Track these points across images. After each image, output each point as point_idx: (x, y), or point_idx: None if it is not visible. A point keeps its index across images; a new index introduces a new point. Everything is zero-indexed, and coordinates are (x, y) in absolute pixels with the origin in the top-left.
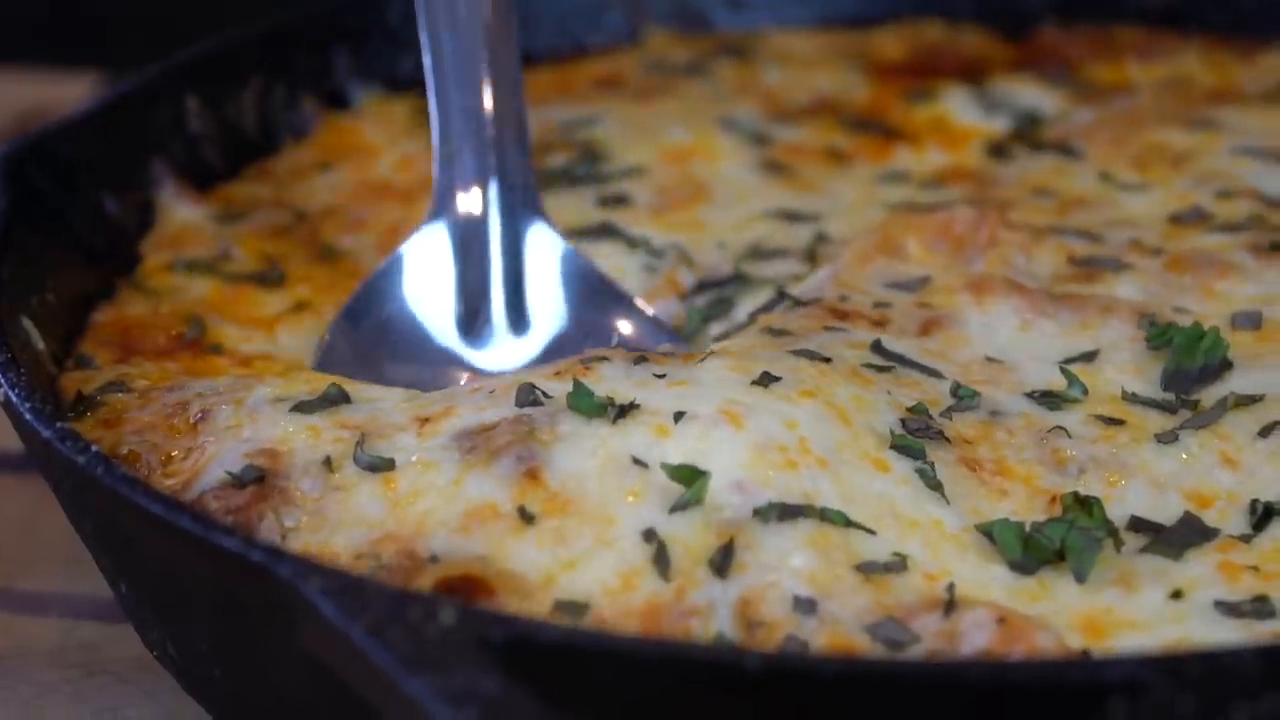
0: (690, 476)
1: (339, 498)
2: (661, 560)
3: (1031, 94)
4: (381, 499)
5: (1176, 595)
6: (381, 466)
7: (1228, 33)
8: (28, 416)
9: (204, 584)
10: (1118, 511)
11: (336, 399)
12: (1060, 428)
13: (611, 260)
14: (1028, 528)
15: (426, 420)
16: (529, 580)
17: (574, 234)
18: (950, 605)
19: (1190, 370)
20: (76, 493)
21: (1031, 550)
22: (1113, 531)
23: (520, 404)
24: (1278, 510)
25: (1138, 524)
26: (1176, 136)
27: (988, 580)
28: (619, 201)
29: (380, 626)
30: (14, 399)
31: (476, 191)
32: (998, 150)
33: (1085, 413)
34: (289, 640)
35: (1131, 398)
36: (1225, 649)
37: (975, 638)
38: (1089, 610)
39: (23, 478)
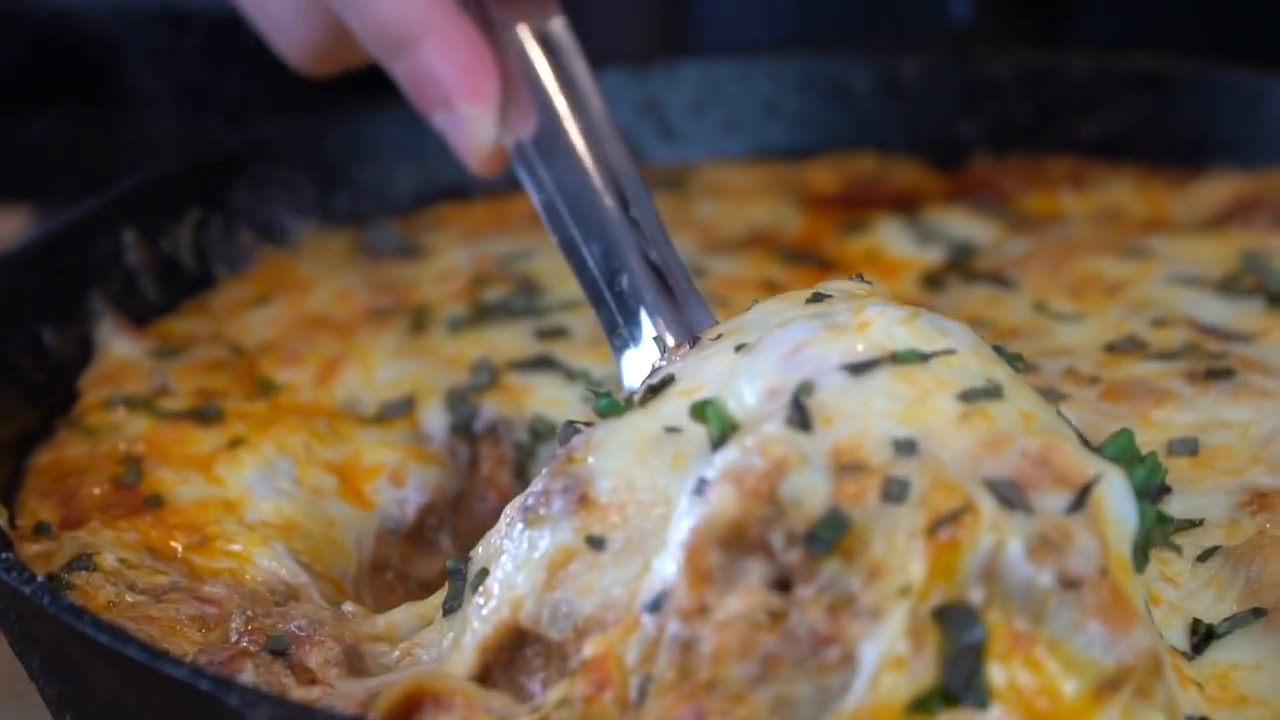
0: (701, 411)
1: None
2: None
3: (965, 225)
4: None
5: None
6: (478, 580)
7: (1159, 162)
8: None
9: (152, 714)
10: None
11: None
12: None
13: (550, 392)
14: None
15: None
16: (618, 604)
17: (513, 366)
18: (1084, 493)
19: None
20: (21, 622)
21: None
22: None
23: (562, 443)
24: (1217, 634)
25: None
26: (1110, 266)
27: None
28: (558, 334)
29: None
30: None
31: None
32: (932, 281)
33: None
34: None
35: None
36: None
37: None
38: None
39: None
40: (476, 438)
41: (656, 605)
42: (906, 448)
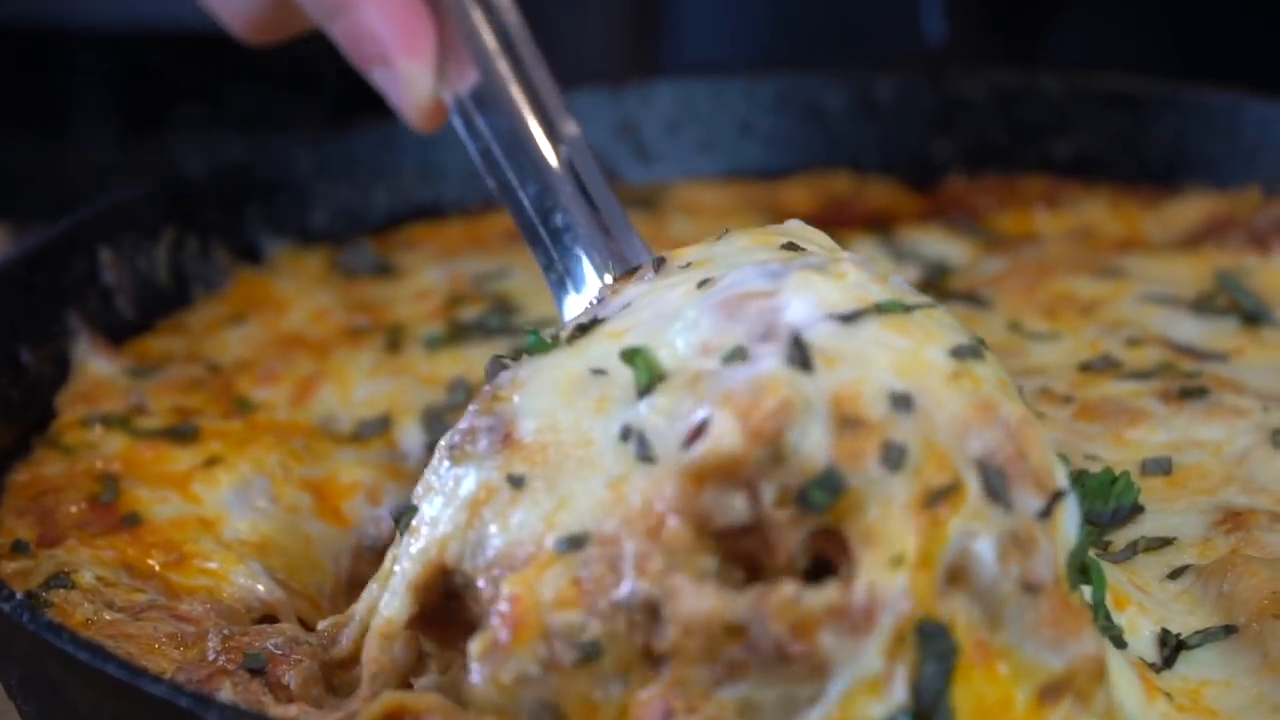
0: (630, 357)
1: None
2: (643, 449)
3: (939, 244)
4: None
5: None
6: (408, 518)
7: (1133, 182)
8: None
9: None
10: None
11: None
12: None
13: None
14: None
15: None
16: (528, 541)
17: None
18: (1054, 501)
19: (1102, 514)
20: (0, 640)
21: None
22: None
23: (489, 379)
24: (1188, 646)
25: None
26: (1085, 285)
27: None
28: None
29: None
30: None
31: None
32: None
33: None
34: None
35: None
36: None
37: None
38: None
39: None
40: None
41: (576, 543)
42: (903, 403)
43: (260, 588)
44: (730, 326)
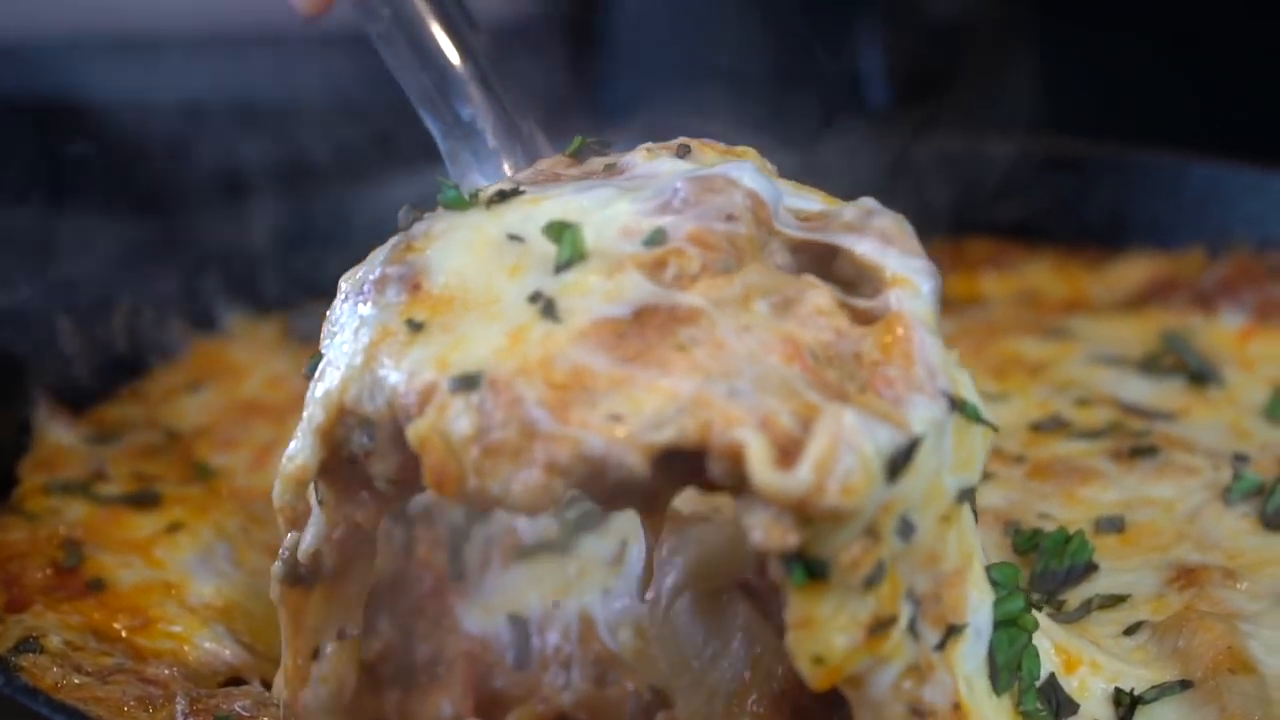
0: (559, 230)
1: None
2: (550, 311)
3: None
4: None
5: None
6: (314, 364)
7: (1077, 244)
8: None
9: None
10: None
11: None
12: None
13: None
14: None
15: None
16: (419, 377)
17: None
18: (948, 634)
19: (1057, 572)
20: None
21: None
22: None
23: (403, 229)
24: (1144, 700)
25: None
26: (1032, 346)
27: None
28: None
29: None
30: None
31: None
32: None
33: None
34: None
35: None
36: None
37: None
38: None
39: None
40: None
41: (469, 383)
42: (907, 531)
43: (226, 651)
44: (697, 202)
